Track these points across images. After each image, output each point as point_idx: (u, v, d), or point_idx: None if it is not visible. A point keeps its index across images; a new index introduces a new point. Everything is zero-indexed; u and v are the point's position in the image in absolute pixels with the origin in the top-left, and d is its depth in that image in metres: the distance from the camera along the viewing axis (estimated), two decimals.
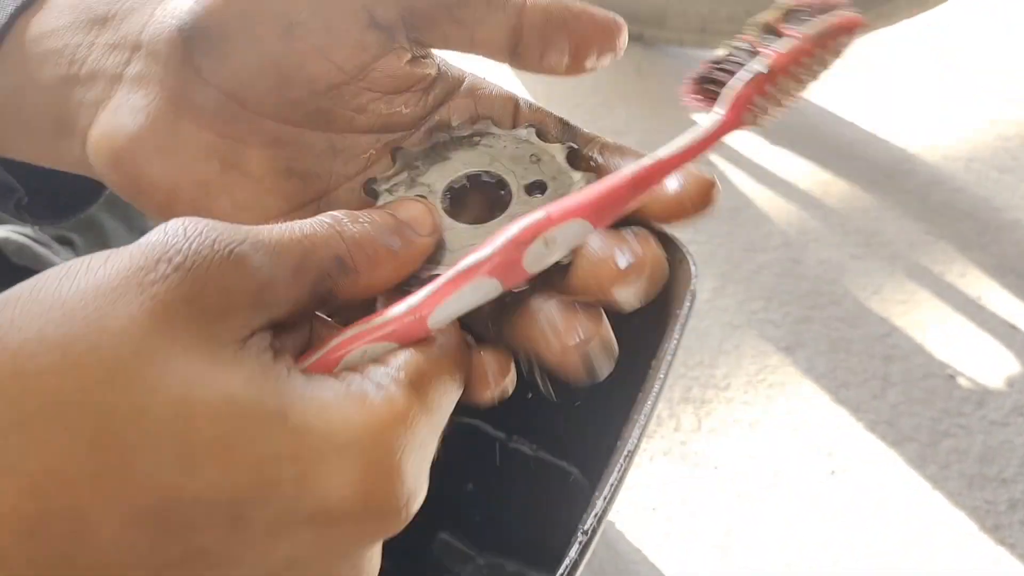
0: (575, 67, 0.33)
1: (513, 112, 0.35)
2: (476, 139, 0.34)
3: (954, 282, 0.94)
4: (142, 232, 0.79)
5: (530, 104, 0.35)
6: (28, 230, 0.73)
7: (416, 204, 0.30)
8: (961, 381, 0.85)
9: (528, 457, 0.70)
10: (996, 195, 1.05)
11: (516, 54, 0.32)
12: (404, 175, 0.33)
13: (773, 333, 0.87)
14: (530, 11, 0.32)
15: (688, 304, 0.54)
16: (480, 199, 0.33)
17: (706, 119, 0.28)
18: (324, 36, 0.31)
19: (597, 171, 0.33)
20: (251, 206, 0.32)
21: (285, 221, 0.27)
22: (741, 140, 1.09)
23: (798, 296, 0.91)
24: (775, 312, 0.89)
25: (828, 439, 0.79)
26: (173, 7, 0.31)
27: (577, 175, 0.32)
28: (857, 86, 1.19)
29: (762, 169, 1.05)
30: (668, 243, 0.58)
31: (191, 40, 0.31)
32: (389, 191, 0.32)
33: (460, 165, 0.33)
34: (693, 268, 0.56)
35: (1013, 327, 0.90)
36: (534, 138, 0.34)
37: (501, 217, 0.31)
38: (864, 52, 1.22)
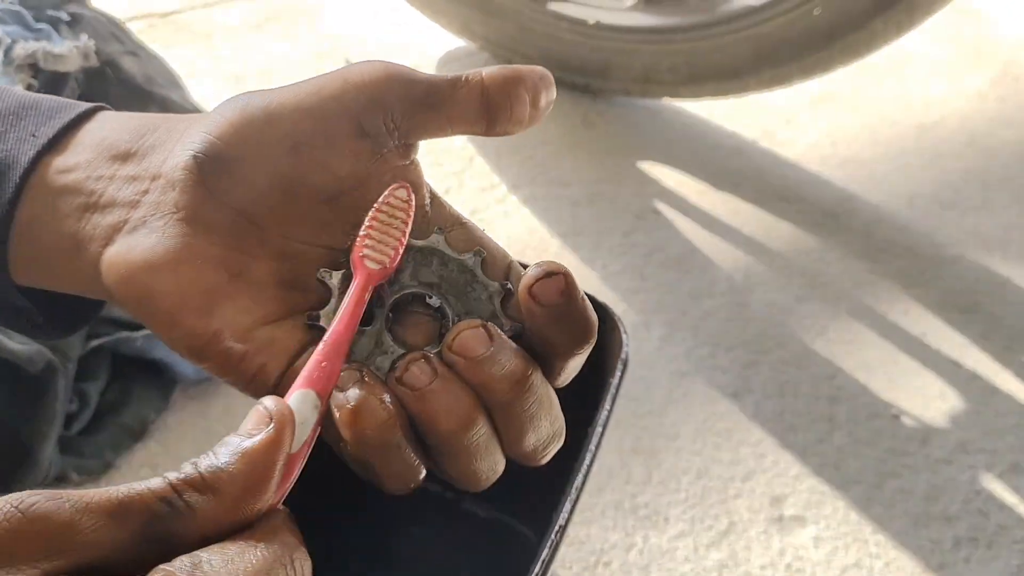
0: (535, 114, 0.37)
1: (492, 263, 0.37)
2: (426, 255, 0.36)
3: (898, 320, 0.97)
4: (106, 312, 0.80)
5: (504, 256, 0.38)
6: None
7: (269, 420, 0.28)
8: (905, 420, 0.87)
9: (482, 519, 0.71)
10: (938, 230, 1.08)
11: (490, 119, 0.37)
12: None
13: (721, 379, 0.89)
14: (489, 78, 0.36)
15: (619, 373, 0.56)
16: (421, 317, 0.36)
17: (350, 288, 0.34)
18: (324, 150, 0.35)
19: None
20: (252, 310, 0.34)
21: (282, 324, 0.34)
22: (685, 186, 1.11)
23: (745, 340, 0.93)
24: (723, 358, 0.91)
25: (776, 485, 0.81)
26: (188, 140, 0.35)
27: (507, 324, 0.35)
28: (799, 127, 1.22)
29: (707, 215, 1.07)
30: (600, 311, 0.60)
31: (205, 164, 0.34)
32: (340, 289, 0.35)
33: (408, 280, 0.36)
34: (624, 337, 0.57)
35: (956, 364, 0.92)
36: (479, 270, 0.36)
37: (439, 347, 0.34)
38: (805, 94, 1.25)
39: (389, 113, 0.35)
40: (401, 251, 0.35)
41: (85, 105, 0.38)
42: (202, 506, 0.25)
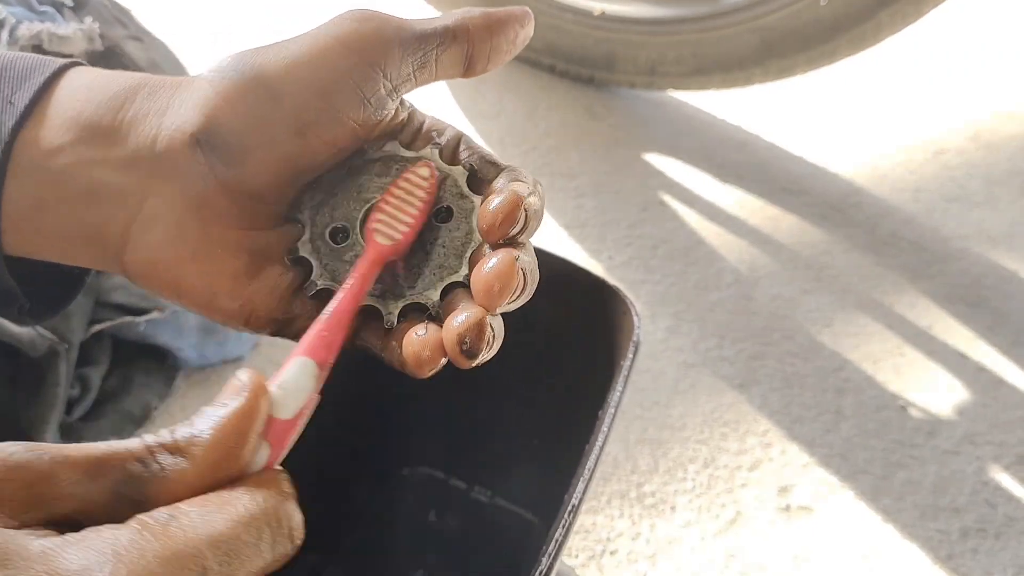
0: (511, 56, 0.38)
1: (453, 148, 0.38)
2: (385, 162, 0.36)
3: (904, 313, 0.96)
4: (108, 297, 0.79)
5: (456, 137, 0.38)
6: None
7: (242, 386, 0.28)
8: (913, 412, 0.86)
9: (488, 506, 0.71)
10: (943, 224, 1.08)
11: (470, 67, 0.37)
12: (325, 204, 0.36)
13: (727, 371, 0.88)
14: (475, 31, 0.36)
15: (631, 355, 0.55)
16: None
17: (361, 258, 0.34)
18: (331, 129, 0.35)
19: (491, 193, 0.35)
20: (279, 282, 0.35)
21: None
22: (691, 178, 1.10)
23: (751, 333, 0.92)
24: (729, 349, 0.90)
25: (784, 475, 0.80)
26: (180, 117, 0.34)
27: (476, 199, 0.35)
28: (804, 121, 1.21)
29: (713, 207, 1.07)
30: (612, 295, 0.60)
31: (205, 146, 0.34)
32: (313, 222, 0.35)
33: (374, 192, 0.36)
34: (636, 319, 0.57)
35: (962, 356, 0.92)
36: (437, 159, 0.36)
37: (416, 248, 0.35)
38: (810, 87, 1.25)
39: (386, 75, 0.35)
40: (415, 229, 0.35)
41: (56, 63, 0.36)
42: (174, 469, 0.26)
